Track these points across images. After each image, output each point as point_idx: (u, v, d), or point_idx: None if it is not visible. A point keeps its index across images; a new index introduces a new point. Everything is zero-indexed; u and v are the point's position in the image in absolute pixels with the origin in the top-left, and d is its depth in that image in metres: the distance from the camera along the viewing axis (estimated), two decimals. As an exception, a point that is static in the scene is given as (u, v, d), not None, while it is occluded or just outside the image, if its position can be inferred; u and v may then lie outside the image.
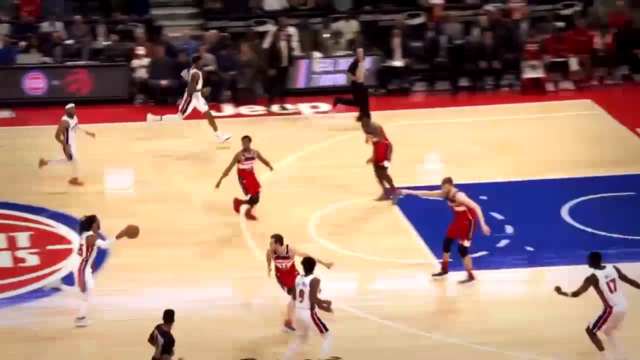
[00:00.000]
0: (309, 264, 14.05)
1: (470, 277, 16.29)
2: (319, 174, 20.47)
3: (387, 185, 19.07)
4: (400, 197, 18.31)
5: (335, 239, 17.88)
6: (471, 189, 18.84)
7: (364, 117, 20.17)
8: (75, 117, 19.81)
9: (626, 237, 17.49)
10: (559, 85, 24.44)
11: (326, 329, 13.91)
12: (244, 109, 23.99)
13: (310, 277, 13.92)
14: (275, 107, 23.99)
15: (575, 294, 13.78)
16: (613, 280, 13.77)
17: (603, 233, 17.59)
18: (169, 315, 13.17)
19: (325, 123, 23.21)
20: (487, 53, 24.51)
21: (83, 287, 15.09)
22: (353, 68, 22.61)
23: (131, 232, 15.13)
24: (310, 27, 25.83)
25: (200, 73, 21.62)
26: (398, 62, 24.64)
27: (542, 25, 25.39)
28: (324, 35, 25.54)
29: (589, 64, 24.59)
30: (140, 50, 24.55)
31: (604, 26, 25.01)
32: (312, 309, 13.88)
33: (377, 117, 23.26)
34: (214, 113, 23.72)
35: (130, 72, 24.50)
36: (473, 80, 24.59)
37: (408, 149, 20.74)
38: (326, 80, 24.79)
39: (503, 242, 17.51)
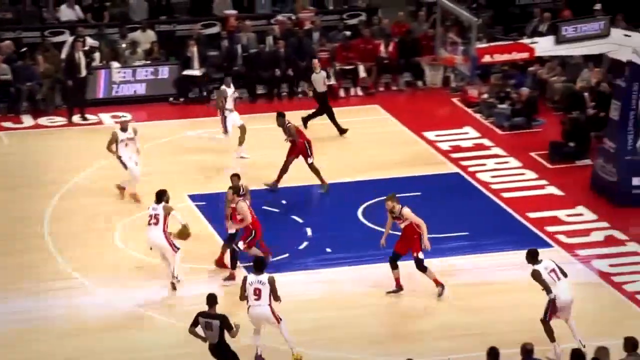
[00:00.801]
0: (261, 264, 14.29)
1: (441, 286, 16.05)
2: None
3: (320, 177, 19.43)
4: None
5: (142, 247, 17.74)
6: (272, 194, 19.17)
7: (279, 116, 19.83)
8: (129, 130, 19.24)
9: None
10: (349, 91, 24.99)
11: (281, 319, 14.22)
12: (43, 120, 23.40)
13: (265, 275, 14.16)
14: (75, 118, 23.50)
15: (547, 293, 14.19)
16: (553, 271, 14.32)
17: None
18: (212, 299, 13.50)
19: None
20: (281, 61, 24.80)
21: (175, 249, 16.28)
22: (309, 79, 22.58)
23: (184, 233, 16.37)
24: (107, 37, 25.45)
25: (227, 90, 21.03)
26: (196, 71, 24.57)
27: (332, 35, 25.89)
28: (122, 45, 25.21)
29: (375, 71, 25.24)
30: None
31: (387, 35, 25.72)
32: (270, 304, 14.07)
33: (178, 125, 23.24)
34: (12, 125, 23.15)
35: None
36: (269, 88, 24.80)
37: (208, 156, 20.74)
38: (126, 90, 24.49)
39: (304, 245, 17.82)
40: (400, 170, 20.51)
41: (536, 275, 14.31)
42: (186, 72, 24.58)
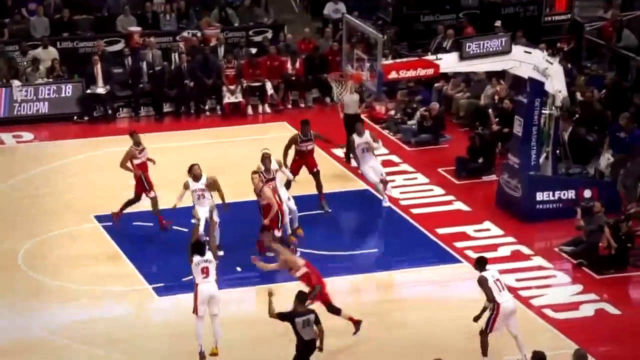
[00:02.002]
0: (202, 246, 15.02)
1: (358, 323, 15.53)
2: (26, 204, 19.93)
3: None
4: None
5: (47, 270, 17.52)
6: (181, 213, 19.00)
7: (305, 124, 19.65)
8: (275, 163, 18.44)
9: (326, 253, 18.17)
10: (257, 108, 24.99)
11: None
12: (-57, 140, 22.98)
13: (210, 253, 15.01)
14: (-25, 137, 23.14)
15: (488, 300, 14.52)
16: (499, 280, 14.65)
17: (306, 250, 18.18)
18: (303, 296, 14.13)
19: (29, 153, 22.59)
20: (187, 79, 24.71)
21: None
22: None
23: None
24: (7, 54, 25.05)
25: (355, 138, 20.01)
26: (100, 89, 24.34)
27: (236, 51, 25.90)
28: (23, 63, 24.81)
29: (283, 88, 25.33)
30: None
31: (294, 52, 25.85)
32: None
33: (83, 144, 22.95)
34: None
35: None
36: (176, 106, 24.71)
37: (115, 174, 20.50)
38: (28, 109, 24.13)
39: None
40: (310, 188, 20.52)
41: (482, 281, 14.63)
42: (90, 90, 24.36)
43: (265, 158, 18.08)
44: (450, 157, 21.78)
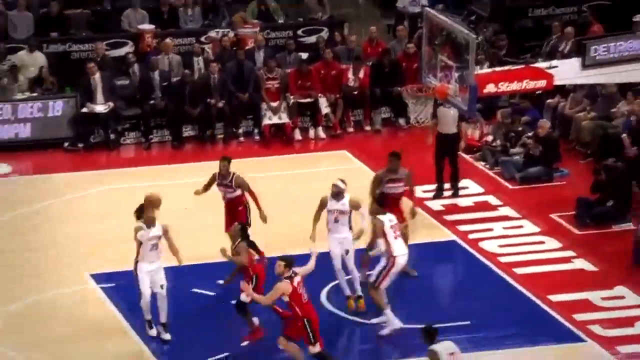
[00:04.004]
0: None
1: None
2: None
3: None
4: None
5: (28, 347, 17.57)
6: (206, 270, 19.04)
7: (397, 158, 19.55)
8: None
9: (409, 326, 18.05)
10: (308, 133, 25.16)
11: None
12: None
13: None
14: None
15: None
16: (453, 354, 14.87)
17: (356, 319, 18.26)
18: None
19: (5, 190, 22.90)
20: (215, 93, 24.87)
21: None
22: None
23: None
24: (-22, 61, 25.56)
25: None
26: (100, 107, 24.64)
27: (280, 56, 26.06)
28: (-2, 72, 25.29)
29: (342, 106, 25.41)
30: None
31: (357, 58, 25.95)
32: None
33: (76, 180, 23.15)
34: None
35: None
36: (200, 129, 24.94)
37: (118, 222, 20.69)
38: (4, 133, 24.45)
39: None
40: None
41: (432, 355, 14.81)
42: (86, 109, 24.64)
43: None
44: (569, 198, 21.79)
